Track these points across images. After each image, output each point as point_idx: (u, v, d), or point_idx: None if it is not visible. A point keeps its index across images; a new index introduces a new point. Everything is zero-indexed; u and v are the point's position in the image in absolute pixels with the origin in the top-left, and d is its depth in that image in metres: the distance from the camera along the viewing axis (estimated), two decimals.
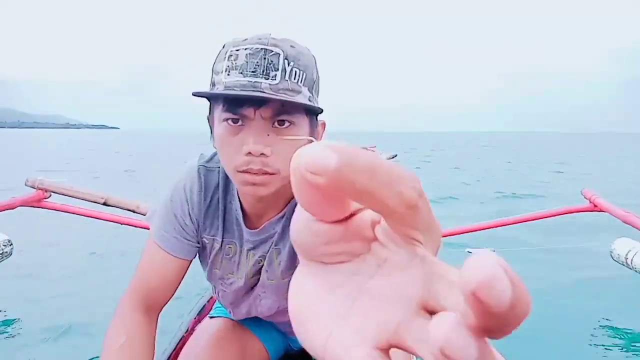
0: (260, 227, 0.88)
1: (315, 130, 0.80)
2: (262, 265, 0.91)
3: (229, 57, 0.72)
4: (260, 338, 1.10)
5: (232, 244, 0.91)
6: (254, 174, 0.73)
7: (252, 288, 0.96)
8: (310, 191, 0.17)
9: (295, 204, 0.36)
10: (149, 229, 2.82)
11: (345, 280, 0.19)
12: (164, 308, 0.93)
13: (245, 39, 0.72)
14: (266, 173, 0.74)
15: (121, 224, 2.53)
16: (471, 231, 2.90)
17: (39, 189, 2.50)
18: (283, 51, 0.71)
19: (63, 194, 2.54)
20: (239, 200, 0.88)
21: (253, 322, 1.10)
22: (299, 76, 0.72)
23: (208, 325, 1.09)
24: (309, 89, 0.75)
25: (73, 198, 2.57)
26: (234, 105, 0.72)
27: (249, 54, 0.70)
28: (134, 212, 2.52)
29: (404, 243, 0.19)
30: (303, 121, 0.76)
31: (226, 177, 0.87)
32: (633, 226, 2.36)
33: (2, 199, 2.35)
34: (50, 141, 37.68)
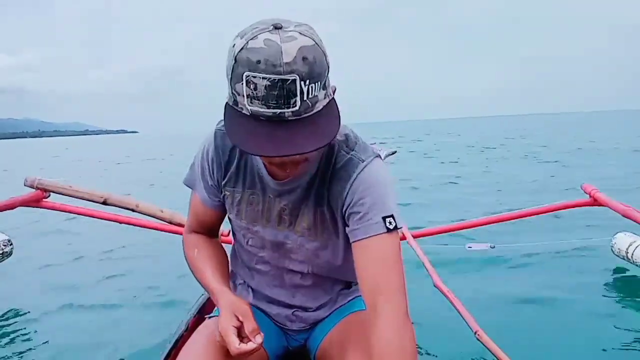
0: (285, 181, 0.97)
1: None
2: (286, 214, 1.00)
3: (247, 84, 0.75)
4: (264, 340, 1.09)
5: (255, 194, 1.01)
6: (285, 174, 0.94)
7: (282, 243, 1.03)
8: None
9: (321, 161, 0.85)
10: (148, 227, 2.77)
11: None
12: None
13: (259, 61, 0.74)
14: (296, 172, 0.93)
15: (120, 222, 2.52)
16: (471, 227, 2.90)
17: (38, 189, 2.49)
18: (299, 75, 0.74)
19: (62, 194, 2.53)
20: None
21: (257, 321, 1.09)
22: (315, 88, 0.77)
23: (207, 324, 1.08)
24: (323, 88, 0.79)
25: (72, 197, 2.56)
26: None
27: (268, 85, 0.74)
28: (133, 210, 2.51)
29: None
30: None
31: None
32: (633, 220, 2.36)
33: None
34: (92, 150, 33.96)
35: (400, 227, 0.91)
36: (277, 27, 0.76)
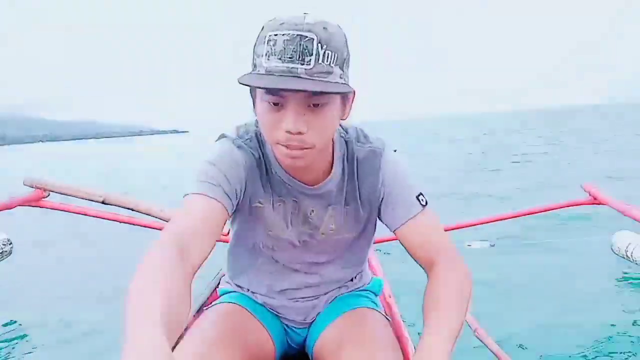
0: (317, 186, 0.97)
1: (347, 101, 0.89)
2: (313, 216, 1.00)
3: (268, 42, 0.78)
4: (268, 328, 1.07)
5: (281, 201, 0.99)
6: (293, 148, 0.82)
7: (304, 241, 1.03)
8: None
9: (345, 164, 0.91)
10: (147, 227, 2.74)
11: None
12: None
13: (282, 23, 0.78)
14: (303, 148, 0.83)
15: (120, 222, 2.52)
16: (471, 225, 2.89)
17: (38, 188, 2.48)
18: (317, 36, 0.77)
19: (62, 193, 2.53)
20: (280, 165, 0.96)
21: (260, 312, 1.09)
22: (331, 58, 0.78)
23: (206, 314, 1.06)
24: (340, 67, 0.81)
25: (72, 197, 2.56)
26: (274, 91, 0.79)
27: (286, 40, 0.76)
28: (132, 210, 2.51)
29: None
30: (335, 97, 0.84)
31: (263, 151, 0.96)
32: (634, 219, 2.35)
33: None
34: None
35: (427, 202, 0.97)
36: (305, 13, 0.81)
